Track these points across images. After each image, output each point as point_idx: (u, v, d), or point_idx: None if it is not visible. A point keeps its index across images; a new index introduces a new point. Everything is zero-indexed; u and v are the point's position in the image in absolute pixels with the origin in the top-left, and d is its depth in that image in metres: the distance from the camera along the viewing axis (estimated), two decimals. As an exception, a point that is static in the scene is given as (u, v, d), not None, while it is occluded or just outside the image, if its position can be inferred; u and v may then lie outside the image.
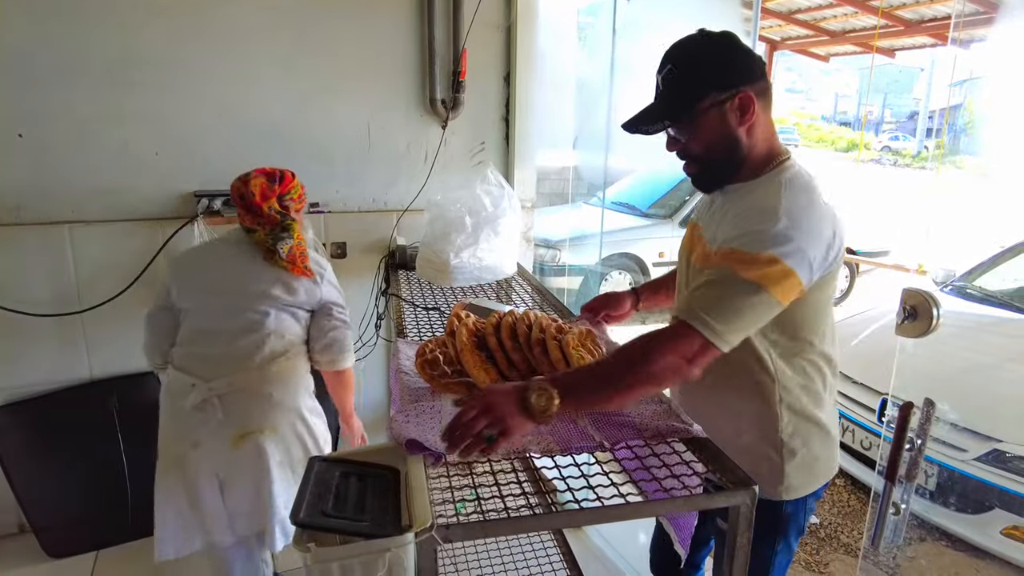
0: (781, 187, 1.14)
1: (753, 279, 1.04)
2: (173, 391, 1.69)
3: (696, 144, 1.20)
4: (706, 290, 1.08)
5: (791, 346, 1.22)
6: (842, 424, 3.13)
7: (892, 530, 1.39)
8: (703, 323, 1.03)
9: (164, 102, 2.27)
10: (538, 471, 1.79)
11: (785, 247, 1.06)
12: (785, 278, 1.05)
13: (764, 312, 1.06)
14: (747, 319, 1.05)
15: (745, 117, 1.16)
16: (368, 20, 2.46)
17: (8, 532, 2.39)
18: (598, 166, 2.60)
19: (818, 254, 1.09)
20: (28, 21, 2.08)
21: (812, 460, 1.29)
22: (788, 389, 1.24)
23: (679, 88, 1.18)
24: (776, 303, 1.06)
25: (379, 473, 0.98)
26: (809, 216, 1.11)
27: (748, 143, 1.18)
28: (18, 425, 2.27)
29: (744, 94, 1.14)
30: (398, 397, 1.24)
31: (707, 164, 1.22)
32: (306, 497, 0.86)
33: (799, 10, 7.70)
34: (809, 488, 1.31)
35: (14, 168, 2.16)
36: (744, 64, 1.17)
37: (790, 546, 1.36)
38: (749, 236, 1.09)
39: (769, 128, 1.21)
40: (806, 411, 1.26)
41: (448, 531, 0.84)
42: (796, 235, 1.07)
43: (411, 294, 2.13)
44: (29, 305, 2.23)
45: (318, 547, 0.81)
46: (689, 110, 1.16)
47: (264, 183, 1.69)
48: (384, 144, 2.59)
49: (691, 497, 0.95)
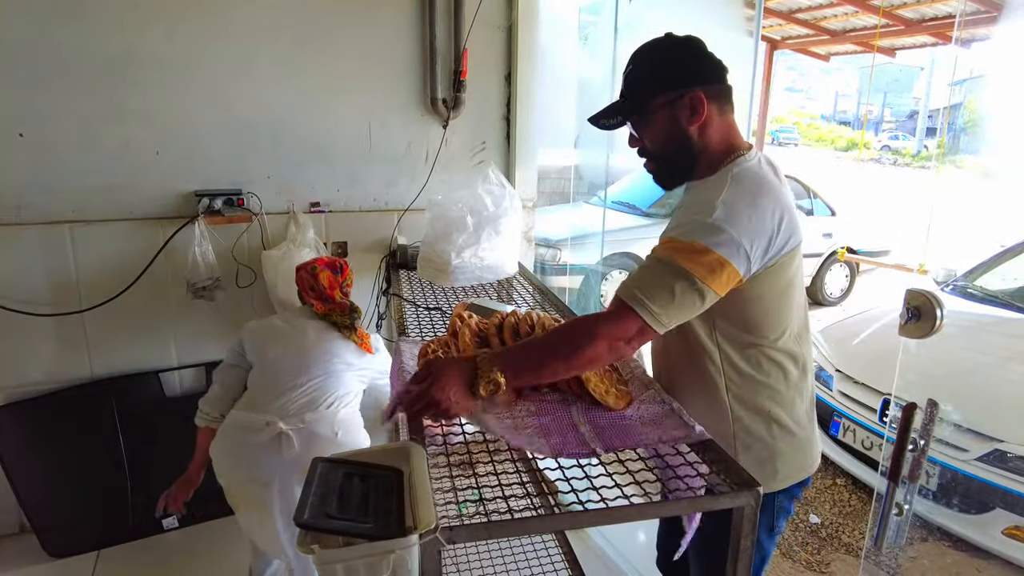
0: (727, 181, 1.17)
1: (686, 267, 1.08)
2: (240, 428, 1.80)
3: (650, 141, 1.27)
4: (645, 273, 1.12)
5: (743, 338, 1.23)
6: (843, 424, 3.13)
7: (895, 531, 1.39)
8: (641, 304, 1.08)
9: (164, 101, 2.26)
10: (541, 472, 1.79)
11: (717, 237, 1.09)
12: (720, 267, 1.08)
13: (698, 299, 1.09)
14: (681, 305, 1.09)
15: (695, 117, 1.20)
16: (369, 19, 2.46)
17: (9, 532, 2.38)
18: (600, 165, 2.59)
19: (758, 245, 1.11)
20: (28, 20, 2.08)
21: (770, 456, 1.27)
22: (737, 382, 1.25)
23: (635, 87, 1.25)
24: (710, 291, 1.09)
25: (382, 474, 0.97)
26: (750, 207, 1.12)
27: (700, 141, 1.23)
28: (19, 425, 2.27)
29: (694, 94, 1.19)
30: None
31: (662, 161, 1.28)
32: (310, 498, 0.86)
33: (799, 9, 7.69)
34: (770, 486, 1.27)
35: (15, 168, 2.16)
36: (698, 67, 1.23)
37: (761, 546, 1.34)
38: (686, 227, 1.13)
39: (726, 128, 1.25)
40: (762, 406, 1.25)
41: (452, 532, 0.83)
42: (729, 227, 1.09)
43: (412, 294, 2.13)
44: (30, 305, 2.23)
45: (322, 548, 0.81)
46: (642, 108, 1.23)
47: (331, 276, 1.96)
48: (385, 143, 2.59)
49: (695, 499, 0.95)
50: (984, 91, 6.40)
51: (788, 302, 1.24)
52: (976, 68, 7.38)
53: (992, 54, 6.25)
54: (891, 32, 7.90)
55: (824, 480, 3.32)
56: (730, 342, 1.24)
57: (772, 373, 1.25)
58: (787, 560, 2.69)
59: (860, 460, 3.08)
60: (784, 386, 1.27)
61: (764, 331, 1.23)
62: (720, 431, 1.25)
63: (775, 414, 1.26)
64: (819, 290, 6.85)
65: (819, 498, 3.17)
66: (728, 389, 1.25)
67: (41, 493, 2.29)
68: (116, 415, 2.36)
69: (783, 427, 1.27)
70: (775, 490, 1.30)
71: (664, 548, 1.66)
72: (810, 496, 3.18)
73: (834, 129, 27.36)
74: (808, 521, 2.98)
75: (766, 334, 1.23)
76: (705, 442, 1.08)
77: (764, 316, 1.22)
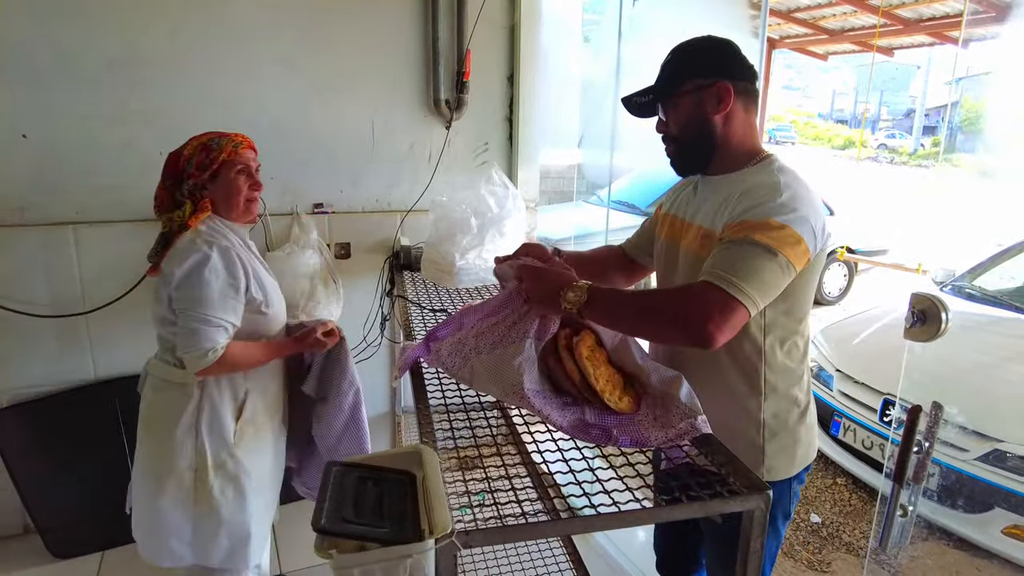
0: (776, 171, 1.23)
1: (768, 242, 1.10)
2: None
3: (675, 124, 1.31)
4: (725, 254, 1.13)
5: (784, 325, 1.27)
6: (843, 424, 3.15)
7: (899, 531, 1.40)
8: (728, 283, 1.07)
9: (167, 101, 2.27)
10: (552, 476, 1.80)
11: (791, 215, 1.13)
12: (796, 243, 1.11)
13: (781, 275, 1.11)
14: (767, 280, 1.10)
15: (721, 106, 1.25)
16: (371, 19, 2.46)
17: (13, 533, 2.39)
18: (603, 164, 2.60)
19: (819, 226, 1.17)
20: (30, 20, 2.08)
21: (792, 443, 1.32)
22: (775, 368, 1.28)
23: (669, 70, 1.31)
24: (790, 266, 1.11)
25: (395, 478, 0.98)
26: (807, 192, 1.20)
27: (722, 133, 1.27)
28: (22, 426, 2.27)
29: (723, 84, 1.24)
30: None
31: (682, 145, 1.32)
32: (326, 503, 0.87)
33: (798, 8, 7.70)
34: (790, 471, 1.34)
35: (18, 169, 2.16)
36: (731, 62, 1.28)
37: (777, 530, 1.39)
38: (758, 208, 1.15)
39: (749, 126, 1.30)
40: (789, 392, 1.31)
41: (468, 537, 0.84)
42: (799, 206, 1.15)
43: (416, 295, 2.14)
44: (33, 306, 2.23)
45: (339, 553, 0.82)
46: (670, 91, 1.29)
47: None
48: (388, 144, 2.59)
49: (706, 502, 0.95)
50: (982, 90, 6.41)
51: (812, 293, 1.30)
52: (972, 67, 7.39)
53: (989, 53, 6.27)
54: (889, 32, 7.92)
55: (824, 480, 3.33)
56: (772, 330, 1.27)
57: (798, 358, 1.32)
58: (789, 559, 2.71)
59: (860, 460, 3.09)
60: (803, 371, 1.34)
61: (799, 316, 1.29)
62: (752, 419, 1.30)
63: (799, 399, 1.33)
64: (818, 289, 6.87)
65: (819, 497, 3.19)
66: (766, 377, 1.28)
67: (45, 494, 2.30)
68: (119, 416, 2.36)
69: (803, 412, 1.34)
70: (793, 474, 1.35)
71: (662, 550, 1.67)
72: (811, 495, 3.20)
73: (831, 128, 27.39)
74: (809, 520, 2.99)
75: (800, 320, 1.29)
76: (711, 443, 1.08)
77: (803, 303, 1.28)
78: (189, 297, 1.52)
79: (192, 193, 1.59)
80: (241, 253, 1.62)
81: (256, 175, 1.66)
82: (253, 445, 1.68)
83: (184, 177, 1.59)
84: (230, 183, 1.60)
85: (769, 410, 1.30)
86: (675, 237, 1.38)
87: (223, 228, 1.62)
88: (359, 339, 2.56)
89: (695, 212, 1.33)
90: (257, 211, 1.70)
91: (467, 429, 1.20)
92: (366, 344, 2.59)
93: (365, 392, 1.93)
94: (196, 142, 1.60)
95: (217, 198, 1.61)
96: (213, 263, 1.53)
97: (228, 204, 1.62)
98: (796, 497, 1.41)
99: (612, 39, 2.52)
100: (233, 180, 1.60)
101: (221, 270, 1.54)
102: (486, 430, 1.22)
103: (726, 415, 1.27)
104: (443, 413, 1.26)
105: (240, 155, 1.61)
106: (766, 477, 1.30)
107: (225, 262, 1.55)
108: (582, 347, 1.19)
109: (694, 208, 1.34)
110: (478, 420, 1.24)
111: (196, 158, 1.58)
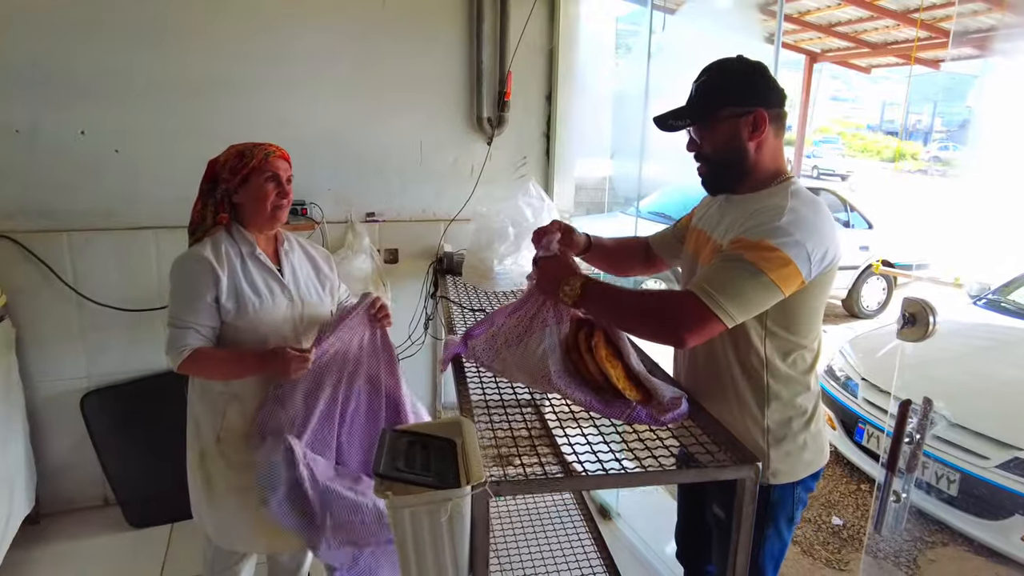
0: (788, 194, 1.29)
1: (754, 261, 1.18)
2: None
3: (709, 146, 1.37)
4: (714, 271, 1.23)
5: (790, 339, 1.34)
6: (867, 430, 3.22)
7: (894, 517, 1.53)
8: (710, 297, 1.17)
9: (235, 119, 2.52)
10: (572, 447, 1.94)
11: (784, 239, 1.19)
12: (784, 266, 1.18)
13: (764, 294, 1.19)
14: (750, 298, 1.18)
15: (756, 133, 1.31)
16: (421, 44, 2.69)
17: (95, 504, 2.66)
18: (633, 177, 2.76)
19: (817, 252, 1.21)
20: (128, 50, 2.35)
21: (797, 449, 1.38)
22: (779, 379, 1.35)
23: (705, 96, 1.36)
24: (775, 288, 1.18)
25: (440, 444, 1.17)
26: (814, 216, 1.25)
27: (755, 157, 1.34)
28: (105, 408, 2.54)
29: (759, 113, 1.31)
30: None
31: (715, 166, 1.39)
32: (384, 456, 1.06)
33: (839, 23, 7.72)
34: (795, 475, 1.39)
35: (111, 180, 2.44)
36: (765, 89, 1.34)
37: (781, 534, 1.44)
38: (756, 228, 1.23)
39: (778, 150, 1.37)
40: (794, 402, 1.37)
41: (499, 486, 1.02)
42: (796, 231, 1.20)
43: (458, 297, 2.33)
44: (117, 301, 2.51)
45: (395, 495, 1.01)
46: (707, 115, 1.34)
47: None
48: (434, 158, 2.81)
49: (701, 468, 1.11)
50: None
51: (824, 302, 1.38)
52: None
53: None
54: (934, 44, 7.86)
55: (849, 485, 3.41)
56: (777, 343, 1.33)
57: (803, 369, 1.38)
58: (807, 557, 2.80)
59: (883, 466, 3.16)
60: (810, 381, 1.41)
61: (804, 332, 1.34)
62: (756, 423, 1.37)
63: (804, 408, 1.39)
64: (855, 303, 6.85)
65: (843, 501, 3.27)
66: (769, 386, 1.35)
67: (124, 470, 2.56)
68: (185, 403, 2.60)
69: (808, 420, 1.40)
70: (800, 478, 1.41)
71: (681, 541, 1.76)
72: (834, 499, 3.28)
73: (880, 139, 26.80)
74: (831, 523, 3.08)
75: (805, 335, 1.36)
76: (716, 427, 1.24)
77: (811, 321, 1.35)
78: (169, 298, 1.62)
79: (221, 199, 1.66)
80: (234, 261, 1.66)
81: (286, 185, 1.69)
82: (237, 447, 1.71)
83: (218, 181, 1.66)
84: (258, 189, 1.64)
85: (773, 417, 1.36)
86: (697, 250, 1.47)
87: (228, 237, 1.68)
88: (404, 337, 2.77)
89: (715, 227, 1.41)
90: (283, 219, 1.72)
91: (504, 422, 1.34)
92: (411, 342, 2.80)
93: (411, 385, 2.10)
94: (233, 149, 1.68)
95: (245, 203, 1.66)
96: (187, 268, 1.61)
97: (255, 209, 1.66)
98: (802, 503, 1.45)
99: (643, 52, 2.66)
100: (261, 186, 1.64)
101: (187, 275, 1.60)
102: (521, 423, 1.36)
103: (734, 419, 1.36)
104: (483, 408, 1.38)
105: (270, 163, 1.66)
106: (771, 481, 1.37)
107: (196, 268, 1.60)
108: (601, 349, 1.31)
109: (715, 223, 1.41)
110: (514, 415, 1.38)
111: (230, 163, 1.65)
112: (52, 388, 2.51)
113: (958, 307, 4.05)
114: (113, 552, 2.44)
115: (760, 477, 1.28)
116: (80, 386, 2.53)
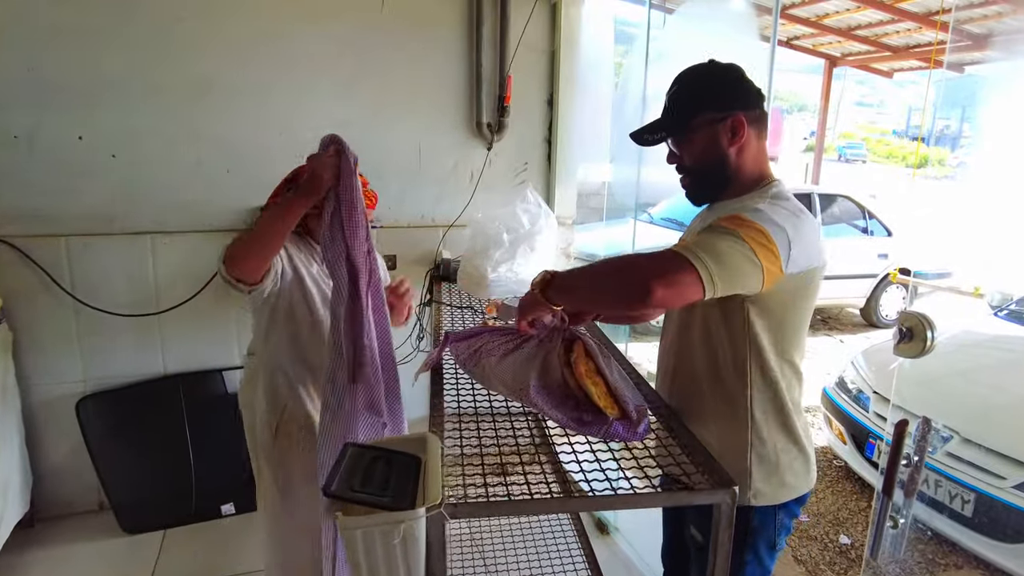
0: (767, 196, 1.25)
1: (734, 228, 1.11)
2: None
3: (689, 157, 1.32)
4: (698, 238, 1.14)
5: (774, 349, 1.28)
6: (878, 446, 3.12)
7: (891, 542, 1.45)
8: (687, 250, 1.08)
9: (235, 124, 2.52)
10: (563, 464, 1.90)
11: (765, 221, 1.14)
12: (766, 243, 1.11)
13: (744, 261, 1.09)
14: (730, 262, 1.08)
15: (736, 138, 1.27)
16: (421, 48, 2.66)
17: (90, 509, 2.66)
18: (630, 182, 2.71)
19: (797, 243, 1.15)
20: (125, 56, 2.36)
21: (782, 470, 1.32)
22: (761, 391, 1.29)
23: (678, 106, 1.32)
24: (756, 262, 1.10)
25: (404, 460, 1.12)
26: (793, 215, 1.20)
27: (737, 162, 1.29)
28: (102, 412, 2.54)
29: (737, 117, 1.26)
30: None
31: (698, 177, 1.34)
32: (339, 473, 1.02)
33: (859, 26, 7.58)
34: (777, 498, 1.33)
35: (109, 185, 2.44)
36: (741, 91, 1.30)
37: (762, 561, 1.37)
38: (733, 211, 1.19)
39: (761, 153, 1.32)
40: (778, 418, 1.31)
41: (456, 508, 0.98)
42: (776, 218, 1.15)
43: (451, 303, 2.30)
44: (114, 306, 2.51)
45: (345, 516, 0.97)
46: (683, 127, 1.30)
47: None
48: (433, 164, 2.78)
49: (673, 493, 1.06)
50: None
51: (808, 319, 1.32)
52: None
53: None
54: (960, 47, 7.68)
55: (859, 502, 3.30)
56: (760, 360, 1.28)
57: (790, 386, 1.32)
58: (813, 577, 2.72)
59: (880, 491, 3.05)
60: (798, 398, 1.35)
61: (791, 344, 1.29)
62: (738, 441, 1.31)
63: (789, 425, 1.32)
64: (874, 312, 6.70)
65: (852, 519, 3.16)
66: (752, 399, 1.29)
67: (118, 475, 2.55)
68: (184, 408, 2.60)
69: (795, 440, 1.33)
70: (782, 501, 1.34)
71: (667, 562, 1.71)
72: (843, 517, 3.17)
73: (905, 145, 26.35)
74: (838, 541, 2.98)
75: (792, 347, 1.30)
76: (694, 444, 1.18)
77: (795, 337, 1.30)
78: None
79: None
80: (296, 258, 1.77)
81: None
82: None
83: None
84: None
85: (756, 437, 1.30)
86: None
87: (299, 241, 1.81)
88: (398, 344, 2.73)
89: (695, 232, 1.35)
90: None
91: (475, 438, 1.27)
92: (412, 348, 2.76)
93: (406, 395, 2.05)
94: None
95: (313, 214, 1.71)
96: None
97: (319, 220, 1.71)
98: (785, 530, 1.39)
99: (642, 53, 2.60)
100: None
101: None
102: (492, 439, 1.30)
103: (715, 437, 1.30)
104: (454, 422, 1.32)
105: None
106: (752, 502, 1.31)
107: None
108: (580, 365, 1.26)
109: (696, 229, 1.35)
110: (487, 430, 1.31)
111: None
112: (48, 392, 2.52)
113: (978, 318, 3.92)
114: (105, 557, 2.43)
115: (740, 498, 1.21)
116: (76, 390, 2.54)
